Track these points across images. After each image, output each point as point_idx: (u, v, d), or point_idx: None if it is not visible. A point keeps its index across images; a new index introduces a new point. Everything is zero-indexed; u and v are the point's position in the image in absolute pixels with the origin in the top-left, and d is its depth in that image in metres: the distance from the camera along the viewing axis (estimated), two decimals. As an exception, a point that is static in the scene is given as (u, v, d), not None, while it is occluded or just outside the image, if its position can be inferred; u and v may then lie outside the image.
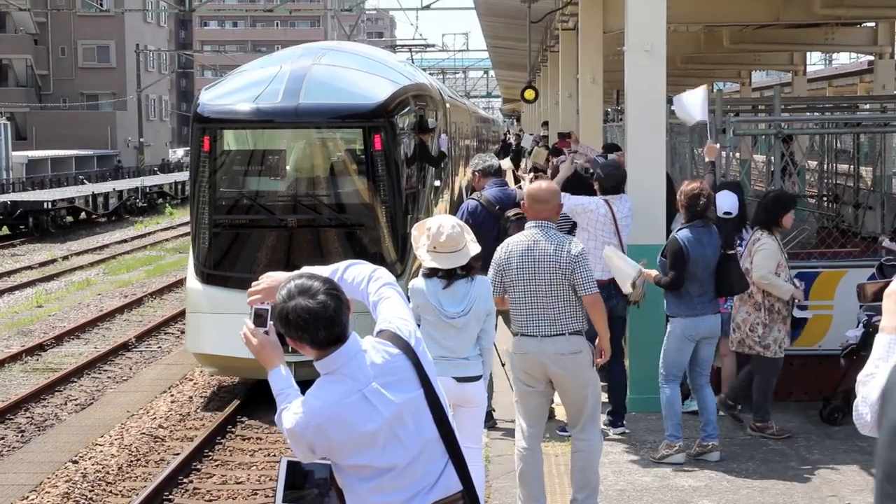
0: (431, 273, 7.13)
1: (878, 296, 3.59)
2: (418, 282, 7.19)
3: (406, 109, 13.39)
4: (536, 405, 7.59)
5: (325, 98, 12.50)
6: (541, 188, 7.54)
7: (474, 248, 7.10)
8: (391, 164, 12.41)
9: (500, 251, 7.49)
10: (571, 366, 7.32)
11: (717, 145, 10.13)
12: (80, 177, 50.02)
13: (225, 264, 12.51)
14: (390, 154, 12.40)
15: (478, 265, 7.24)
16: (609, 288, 8.92)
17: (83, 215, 38.65)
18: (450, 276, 7.10)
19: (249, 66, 14.02)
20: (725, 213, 9.28)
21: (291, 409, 3.86)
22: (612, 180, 9.82)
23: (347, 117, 12.65)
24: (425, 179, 14.51)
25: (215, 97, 12.77)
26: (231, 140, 13.02)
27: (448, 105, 19.95)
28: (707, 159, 10.04)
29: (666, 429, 8.85)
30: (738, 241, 9.71)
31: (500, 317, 9.71)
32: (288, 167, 13.22)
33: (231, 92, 12.83)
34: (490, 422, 9.85)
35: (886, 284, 3.57)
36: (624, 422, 9.70)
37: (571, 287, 7.26)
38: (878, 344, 3.52)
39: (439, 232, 6.97)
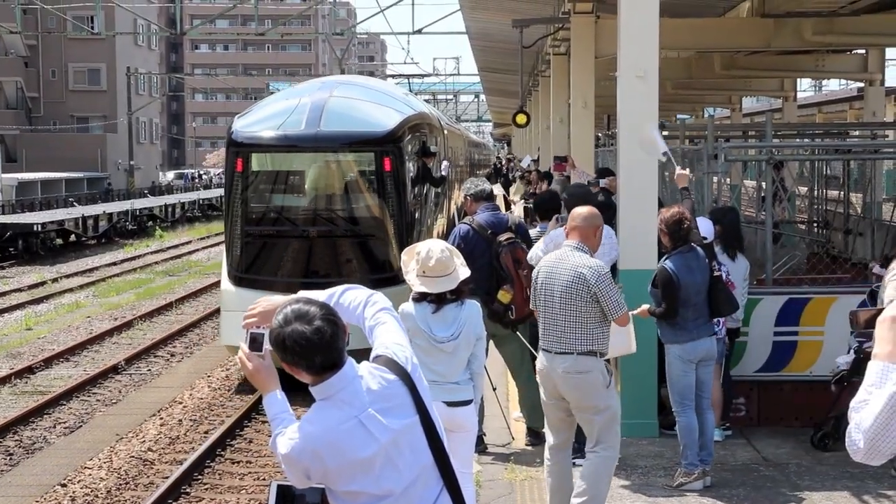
0: (421, 297, 7.12)
1: (871, 323, 3.59)
2: (408, 306, 7.17)
3: (411, 136, 15.11)
4: (557, 418, 7.76)
5: (341, 126, 14.15)
6: (585, 211, 7.76)
7: (464, 273, 7.09)
8: (399, 184, 14.05)
9: (538, 266, 7.84)
10: (578, 385, 7.47)
11: (687, 171, 10.10)
12: (70, 199, 49.99)
13: (254, 269, 14.19)
14: (398, 175, 14.04)
15: (467, 289, 7.23)
16: None
17: (73, 238, 38.59)
18: (439, 300, 7.09)
19: (274, 98, 15.96)
20: (702, 239, 9.31)
21: (287, 435, 3.84)
22: (574, 199, 9.74)
23: (361, 143, 14.29)
24: (427, 197, 16.28)
25: (247, 125, 14.44)
26: (260, 162, 14.71)
27: (446, 131, 22.02)
28: (680, 186, 9.94)
29: (685, 457, 8.82)
30: (718, 266, 9.69)
31: (490, 340, 9.73)
32: (308, 185, 14.89)
33: (260, 120, 14.51)
34: (481, 446, 9.83)
35: (879, 311, 3.57)
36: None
37: (595, 310, 7.42)
38: (871, 371, 3.52)
39: (428, 256, 6.95)
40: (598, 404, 7.49)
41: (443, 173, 17.36)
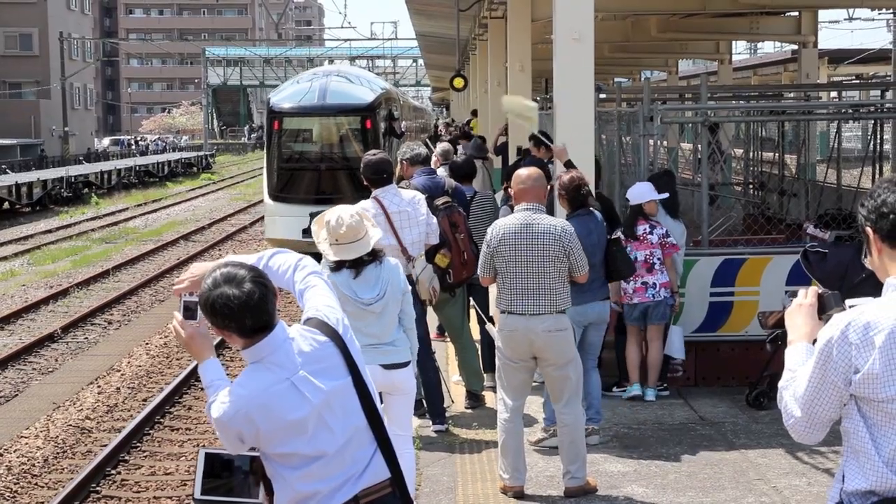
0: (338, 266, 7.02)
1: (779, 323, 3.76)
2: (328, 276, 7.08)
3: (382, 105, 22.36)
4: (520, 380, 7.88)
5: (339, 100, 21.58)
6: (530, 171, 7.96)
7: (375, 234, 6.98)
8: (375, 136, 21.24)
9: (492, 232, 7.83)
10: (558, 342, 7.67)
11: (563, 146, 10.00)
12: (3, 166, 49.22)
13: (285, 190, 21.34)
14: (375, 130, 21.34)
15: (382, 249, 7.18)
16: None
17: (6, 205, 38.07)
18: (357, 265, 7.01)
19: (293, 81, 23.82)
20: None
21: (219, 399, 3.83)
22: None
23: (352, 110, 21.63)
24: (392, 145, 22.79)
25: (279, 100, 21.95)
26: (288, 123, 21.98)
27: (402, 101, 31.09)
28: (563, 161, 9.77)
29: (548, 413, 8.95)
30: (651, 230, 9.73)
31: (429, 305, 9.71)
32: (318, 137, 22.10)
33: (287, 97, 22.02)
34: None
35: (782, 312, 3.74)
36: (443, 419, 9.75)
37: (566, 267, 7.66)
38: (794, 352, 3.57)
39: (338, 224, 6.83)
40: (574, 358, 7.79)
41: (402, 130, 25.20)
